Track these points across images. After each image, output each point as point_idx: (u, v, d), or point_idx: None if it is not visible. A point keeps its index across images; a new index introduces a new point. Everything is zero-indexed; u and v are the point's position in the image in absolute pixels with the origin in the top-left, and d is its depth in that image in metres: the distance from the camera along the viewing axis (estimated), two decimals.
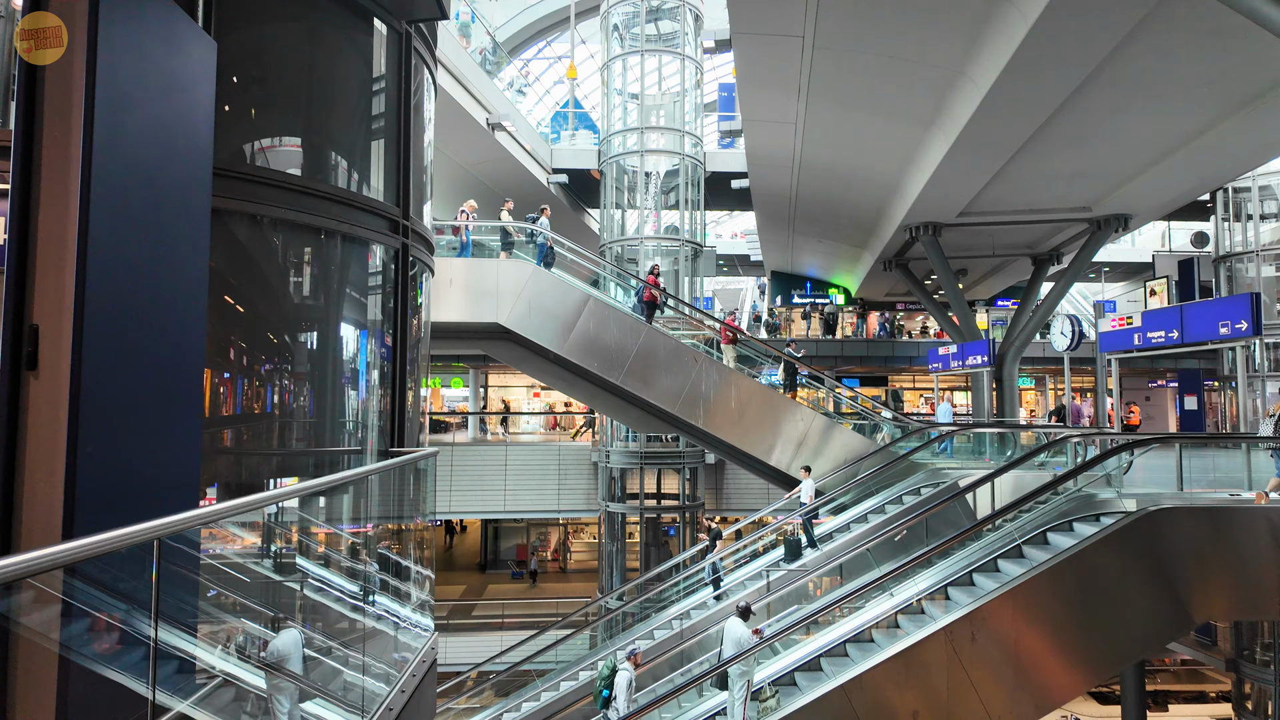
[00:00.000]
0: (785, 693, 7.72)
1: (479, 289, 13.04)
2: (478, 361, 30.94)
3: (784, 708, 7.31)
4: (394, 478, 4.63)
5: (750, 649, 7.50)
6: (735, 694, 7.40)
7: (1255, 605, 8.23)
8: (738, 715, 7.34)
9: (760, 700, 7.54)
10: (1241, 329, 12.06)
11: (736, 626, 7.84)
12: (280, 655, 3.03)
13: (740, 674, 7.41)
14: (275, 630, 3.19)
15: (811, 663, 8.08)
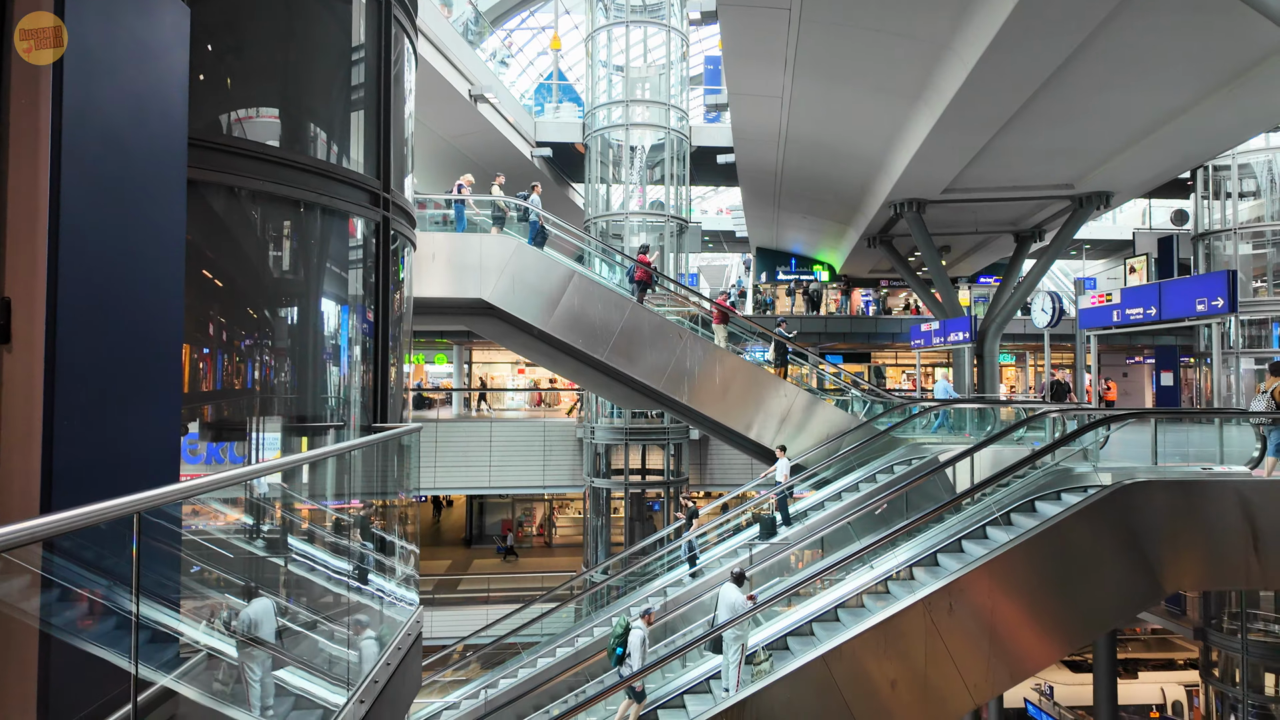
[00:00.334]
0: (778, 656, 7.87)
1: (462, 264, 12.93)
2: (462, 338, 30.77)
3: (776, 671, 7.45)
4: (377, 453, 4.62)
5: (744, 613, 7.66)
6: (730, 657, 7.57)
7: (1224, 576, 8.44)
8: (732, 678, 7.51)
9: (754, 664, 7.71)
10: (1218, 306, 12.24)
11: (731, 592, 7.98)
12: (251, 623, 3.04)
13: (735, 638, 7.58)
14: (249, 601, 3.20)
15: (804, 627, 8.25)
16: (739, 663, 7.53)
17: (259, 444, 4.97)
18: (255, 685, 2.94)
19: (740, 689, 7.43)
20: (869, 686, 7.43)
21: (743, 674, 7.56)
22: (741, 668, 7.56)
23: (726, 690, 7.55)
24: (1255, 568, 8.03)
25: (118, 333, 2.83)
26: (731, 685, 7.51)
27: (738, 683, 7.49)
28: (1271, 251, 21.39)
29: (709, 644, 7.83)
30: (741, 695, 7.33)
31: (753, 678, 7.56)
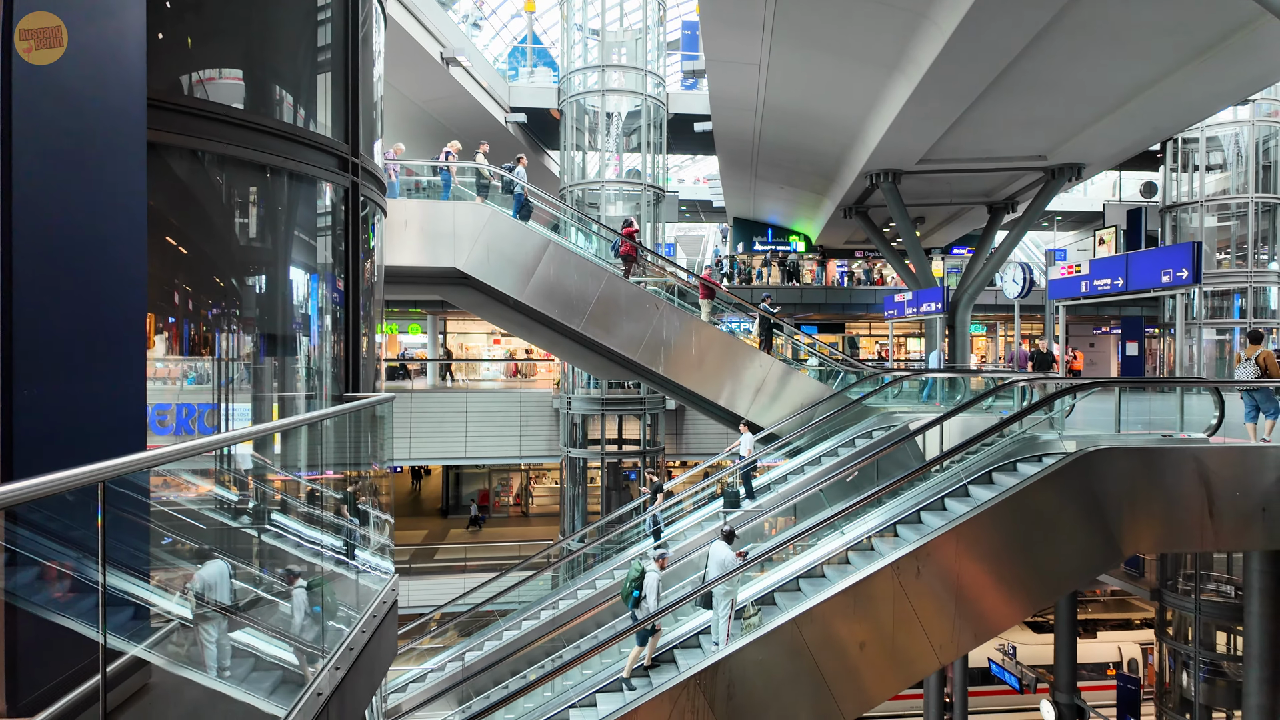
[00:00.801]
0: (766, 611, 8.08)
1: (435, 232, 12.75)
2: (436, 307, 30.49)
3: (748, 634, 7.64)
4: (349, 423, 4.59)
5: (734, 570, 7.85)
6: (720, 612, 7.79)
7: (1180, 539, 8.74)
8: (722, 631, 7.73)
9: (744, 617, 7.92)
10: (1182, 277, 12.49)
11: (721, 549, 8.16)
12: (205, 585, 3.04)
13: (724, 593, 7.80)
14: None
15: (790, 584, 8.46)
16: (729, 617, 7.77)
17: (228, 414, 4.90)
18: (210, 646, 2.95)
19: (729, 642, 7.63)
20: (838, 648, 7.63)
21: (732, 628, 7.79)
22: (731, 621, 7.78)
23: (716, 643, 7.79)
24: (1209, 531, 8.33)
25: (77, 300, 2.75)
26: (721, 639, 7.75)
27: (727, 636, 7.73)
28: (1235, 224, 21.81)
29: (699, 599, 8.07)
30: (715, 658, 7.49)
31: (742, 631, 7.77)
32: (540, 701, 8.62)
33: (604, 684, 8.26)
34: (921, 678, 12.58)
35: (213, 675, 2.89)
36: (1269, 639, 10.79)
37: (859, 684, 7.72)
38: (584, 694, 8.24)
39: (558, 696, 8.53)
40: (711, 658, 7.54)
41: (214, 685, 3.00)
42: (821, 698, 7.59)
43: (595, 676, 8.57)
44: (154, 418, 5.20)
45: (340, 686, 3.28)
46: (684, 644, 8.44)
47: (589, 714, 7.83)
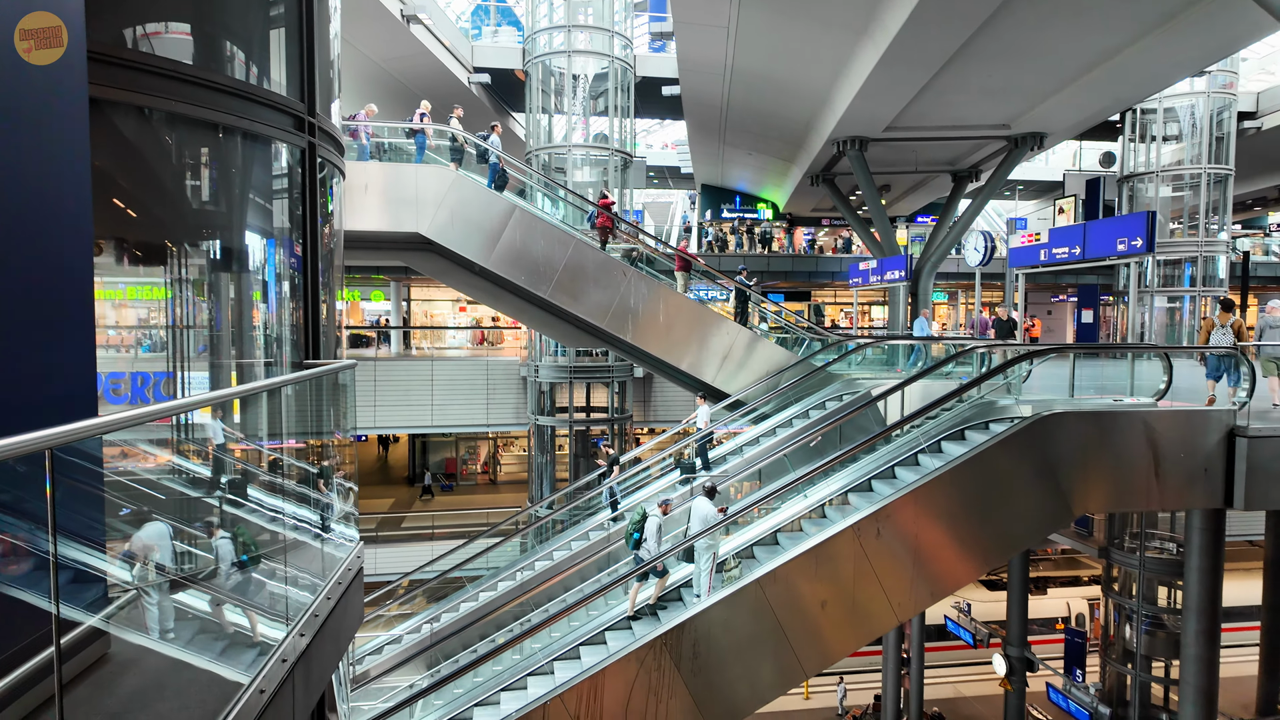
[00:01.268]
0: (746, 565, 8.26)
1: (397, 196, 12.47)
2: (399, 274, 29.96)
3: (744, 577, 7.83)
4: (310, 390, 4.51)
5: (715, 524, 8.03)
6: (701, 565, 7.97)
7: (1128, 498, 9.09)
8: (704, 584, 7.92)
9: (725, 570, 8.13)
10: (1137, 246, 12.81)
11: (703, 505, 8.33)
12: (144, 546, 3.00)
13: (706, 547, 7.96)
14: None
15: (743, 552, 8.62)
16: (710, 570, 7.95)
17: (184, 382, 4.79)
18: (151, 608, 2.92)
19: (710, 594, 7.81)
20: (800, 607, 7.83)
21: (713, 581, 7.98)
22: (713, 575, 7.97)
23: (698, 596, 7.97)
24: (1155, 491, 8.68)
25: (19, 264, 2.65)
26: (703, 591, 7.92)
27: (709, 588, 7.91)
28: (1188, 194, 22.34)
29: (681, 554, 8.29)
30: (681, 618, 7.64)
31: (723, 583, 7.97)
32: (508, 664, 8.72)
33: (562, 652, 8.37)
34: (880, 634, 13.01)
35: (155, 638, 2.86)
36: (1207, 593, 11.33)
37: (820, 641, 7.95)
38: (548, 657, 8.36)
39: (525, 659, 8.63)
40: (677, 618, 7.69)
41: (176, 654, 2.98)
42: (784, 655, 7.81)
43: (563, 639, 8.69)
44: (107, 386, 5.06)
45: (306, 652, 3.28)
46: (665, 597, 8.61)
47: (566, 669, 7.95)
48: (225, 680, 2.93)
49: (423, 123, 13.34)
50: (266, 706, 2.75)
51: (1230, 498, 8.69)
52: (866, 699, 20.29)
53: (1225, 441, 8.65)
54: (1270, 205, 34.39)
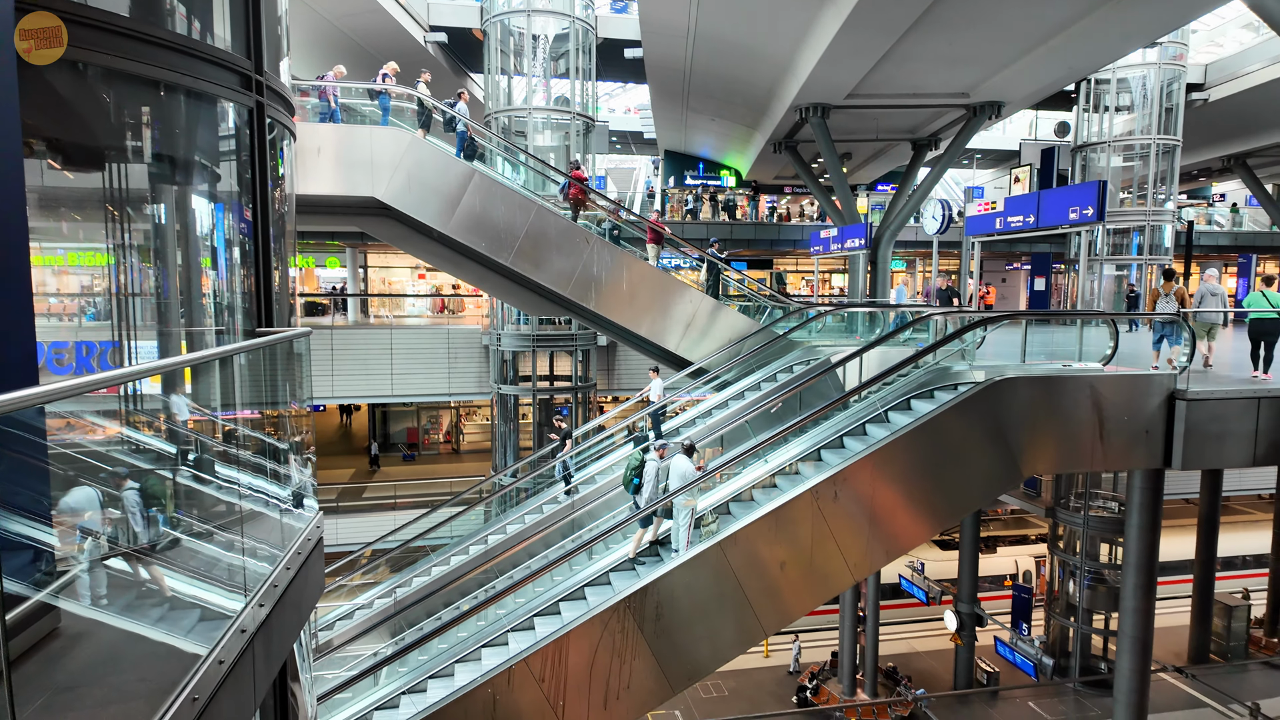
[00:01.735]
0: (723, 520, 8.45)
1: (352, 159, 12.12)
2: (356, 240, 29.27)
3: (720, 532, 8.02)
4: (264, 359, 4.41)
5: (693, 481, 8.19)
6: (680, 521, 8.16)
7: (1074, 460, 9.45)
8: (682, 539, 8.10)
9: (703, 525, 8.36)
10: (1088, 215, 13.13)
11: (682, 462, 8.45)
12: (71, 510, 2.93)
13: (684, 503, 8.13)
14: None
15: (744, 494, 8.88)
16: (689, 525, 8.14)
17: (131, 351, 4.64)
18: (83, 576, 2.87)
19: (689, 549, 7.99)
20: (761, 568, 8.02)
21: (691, 536, 8.17)
22: (691, 530, 8.16)
23: (676, 550, 8.16)
24: (1100, 452, 9.03)
25: None
26: (681, 545, 8.11)
27: (687, 543, 8.10)
28: (1138, 164, 22.88)
29: (661, 510, 8.50)
30: (643, 581, 7.76)
31: (701, 537, 8.15)
32: (474, 630, 8.78)
33: (539, 609, 8.47)
34: (837, 593, 13.39)
35: (86, 604, 2.81)
36: (1145, 548, 11.89)
37: (779, 601, 8.17)
38: (515, 621, 8.43)
39: (491, 625, 8.70)
40: (673, 561, 7.89)
41: (130, 626, 2.93)
42: (744, 615, 8.00)
43: (530, 603, 8.77)
44: (50, 356, 4.88)
45: (266, 623, 3.26)
46: (643, 553, 8.78)
47: (526, 637, 8.04)
48: (184, 652, 2.90)
49: (386, 83, 12.95)
50: (226, 677, 2.73)
51: (1169, 458, 9.09)
52: (824, 656, 20.96)
53: (1166, 404, 9.02)
54: (1214, 176, 35.44)
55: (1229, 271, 38.19)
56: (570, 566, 9.16)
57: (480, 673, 7.61)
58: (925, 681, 20.17)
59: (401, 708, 7.91)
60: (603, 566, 8.80)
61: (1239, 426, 8.95)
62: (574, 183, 14.42)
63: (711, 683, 19.65)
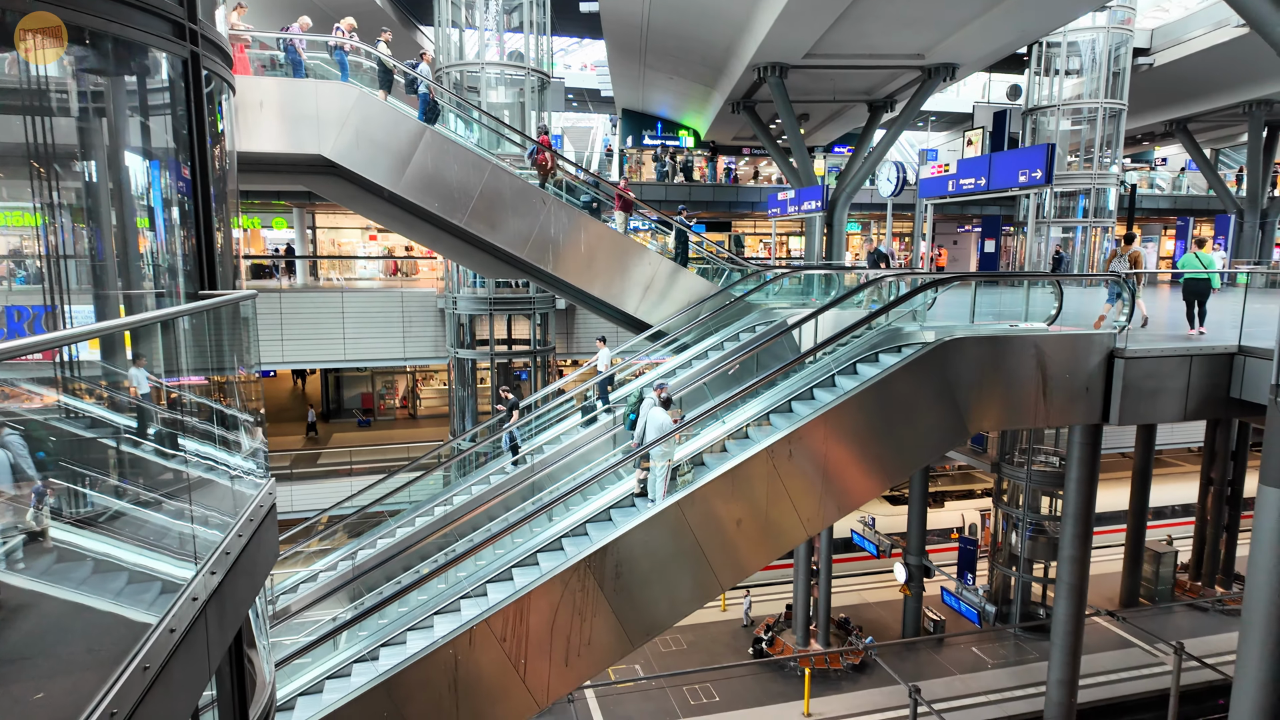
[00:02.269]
0: (697, 471, 8.63)
1: (296, 114, 11.66)
2: (303, 199, 28.33)
3: (696, 481, 8.20)
4: (209, 323, 4.27)
5: (670, 431, 8.35)
6: (657, 472, 8.33)
7: (1018, 416, 9.77)
8: (659, 489, 8.29)
9: (679, 475, 8.52)
10: (1037, 178, 13.39)
11: (659, 414, 8.61)
12: None
13: (661, 454, 8.29)
14: None
15: (717, 445, 9.02)
16: (665, 475, 8.30)
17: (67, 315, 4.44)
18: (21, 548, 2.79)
19: (666, 498, 8.16)
20: (717, 526, 8.19)
21: (667, 486, 8.33)
22: (668, 480, 8.32)
23: (652, 500, 8.32)
24: (1043, 409, 9.37)
25: None
26: (658, 495, 8.27)
27: (664, 492, 8.25)
28: (1086, 128, 23.34)
29: (637, 461, 8.70)
30: (603, 541, 7.86)
31: (677, 487, 8.31)
32: (434, 594, 8.81)
33: (495, 574, 8.53)
34: (791, 548, 13.76)
35: (1, 568, 2.73)
36: (1083, 500, 12.48)
37: (735, 557, 8.37)
38: (475, 584, 8.49)
39: (451, 588, 8.74)
40: (649, 510, 8.04)
41: (75, 597, 2.86)
42: (701, 571, 8.19)
43: (487, 567, 8.83)
44: None
45: (219, 590, 3.21)
46: (619, 504, 8.93)
47: (480, 603, 8.10)
48: (134, 622, 2.85)
49: (340, 37, 12.43)
50: (178, 645, 2.70)
51: (1107, 414, 9.48)
52: (778, 609, 21.61)
53: (1105, 362, 9.38)
54: (1157, 140, 36.39)
55: (1167, 234, 39.53)
56: (531, 528, 9.21)
57: (440, 634, 7.67)
58: (875, 631, 21.01)
59: (354, 674, 7.93)
60: (623, 493, 8.96)
61: (1172, 383, 9.36)
62: (541, 149, 14.19)
63: (670, 637, 20.14)
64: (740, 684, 17.80)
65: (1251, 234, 27.96)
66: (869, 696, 17.24)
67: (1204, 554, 23.18)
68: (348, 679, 7.95)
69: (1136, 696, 17.34)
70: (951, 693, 17.19)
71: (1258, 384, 8.95)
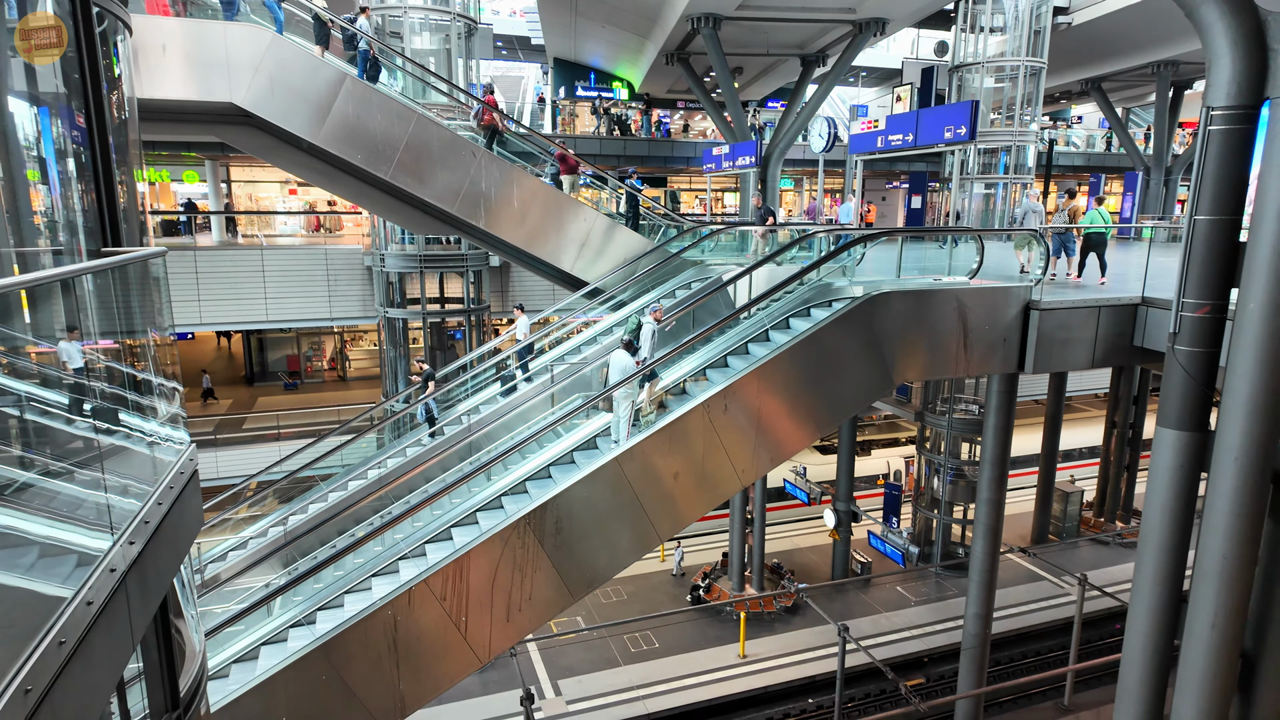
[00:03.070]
0: (659, 413, 8.70)
1: (205, 59, 10.91)
2: (215, 151, 26.73)
3: (657, 423, 8.33)
4: (115, 282, 4.02)
5: (633, 374, 8.45)
6: (620, 413, 8.43)
7: (940, 367, 10.17)
8: (623, 430, 8.39)
9: (642, 415, 8.64)
10: (961, 134, 13.73)
11: (623, 357, 8.69)
12: None
13: (625, 395, 8.38)
14: None
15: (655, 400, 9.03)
16: (629, 417, 8.40)
17: None
18: None
19: (628, 440, 8.27)
20: (655, 479, 8.32)
21: (631, 427, 8.44)
22: (631, 421, 8.42)
23: (616, 441, 8.43)
24: (964, 359, 9.78)
25: None
26: (622, 437, 8.38)
27: (628, 434, 8.36)
28: (1008, 85, 23.95)
29: (602, 403, 8.83)
30: (542, 499, 7.90)
31: (640, 428, 8.42)
32: (370, 556, 8.72)
33: (433, 534, 8.49)
34: (727, 499, 14.13)
35: None
36: (999, 445, 13.16)
37: (673, 509, 8.55)
38: (412, 545, 8.43)
39: (388, 550, 8.66)
40: (614, 451, 8.16)
41: None
42: (640, 523, 8.34)
43: (425, 528, 8.77)
44: None
45: (139, 560, 3.10)
46: (583, 447, 8.99)
47: (419, 563, 8.07)
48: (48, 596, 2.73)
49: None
50: (97, 618, 2.60)
51: (1023, 363, 9.97)
52: (715, 557, 22.27)
53: (1022, 314, 9.82)
54: (1074, 98, 37.71)
55: (1082, 191, 41.27)
56: (469, 489, 9.16)
57: (379, 596, 7.62)
58: (807, 574, 21.93)
59: (291, 639, 7.83)
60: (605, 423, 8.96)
61: (1082, 333, 9.89)
62: (487, 109, 13.74)
63: (611, 588, 20.56)
64: (679, 630, 18.38)
65: (1157, 190, 29.48)
66: (800, 636, 18.07)
67: (1107, 492, 24.94)
68: (284, 644, 7.84)
69: (1045, 625, 18.71)
70: (878, 629, 18.18)
71: (1158, 333, 9.55)
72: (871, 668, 14.93)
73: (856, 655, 14.73)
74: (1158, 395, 7.88)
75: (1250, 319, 6.88)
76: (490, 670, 15.92)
